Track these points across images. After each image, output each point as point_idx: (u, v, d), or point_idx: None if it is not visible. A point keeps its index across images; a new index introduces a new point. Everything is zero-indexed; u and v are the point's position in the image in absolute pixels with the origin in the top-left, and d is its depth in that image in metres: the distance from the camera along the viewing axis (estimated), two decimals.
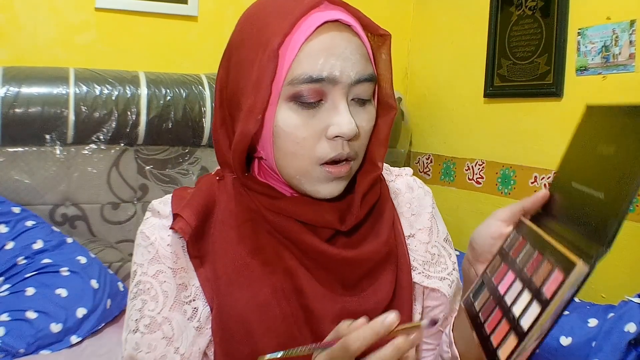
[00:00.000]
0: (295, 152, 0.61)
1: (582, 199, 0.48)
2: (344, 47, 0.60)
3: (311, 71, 0.59)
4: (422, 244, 0.74)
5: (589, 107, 0.53)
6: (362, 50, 0.62)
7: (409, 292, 0.70)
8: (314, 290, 0.65)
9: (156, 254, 0.65)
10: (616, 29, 1.60)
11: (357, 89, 0.61)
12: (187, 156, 1.97)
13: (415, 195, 0.77)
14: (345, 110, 0.60)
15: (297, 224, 0.65)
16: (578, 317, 1.42)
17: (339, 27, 0.61)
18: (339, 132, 0.59)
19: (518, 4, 1.93)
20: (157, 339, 0.63)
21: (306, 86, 0.59)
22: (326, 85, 0.59)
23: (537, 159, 1.87)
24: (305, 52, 0.59)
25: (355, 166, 0.65)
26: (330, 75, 0.59)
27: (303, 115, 0.60)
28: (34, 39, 1.97)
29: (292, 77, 0.59)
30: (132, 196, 1.91)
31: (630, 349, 1.27)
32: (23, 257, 1.59)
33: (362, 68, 0.61)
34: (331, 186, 0.63)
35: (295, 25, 0.59)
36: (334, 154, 0.61)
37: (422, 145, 2.45)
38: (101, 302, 1.61)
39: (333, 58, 0.59)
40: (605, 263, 1.52)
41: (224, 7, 2.19)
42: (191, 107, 1.91)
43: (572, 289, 0.43)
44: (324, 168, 0.62)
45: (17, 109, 1.71)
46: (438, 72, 2.37)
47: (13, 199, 1.72)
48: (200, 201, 0.66)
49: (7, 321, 1.44)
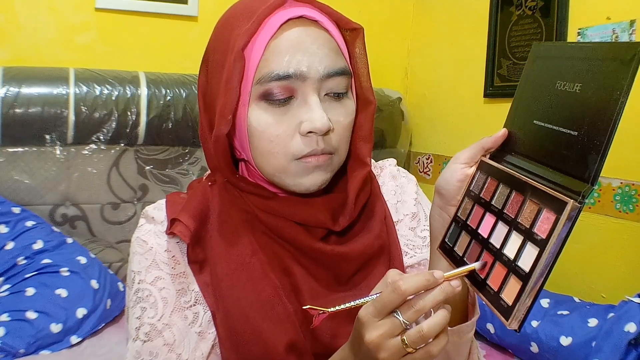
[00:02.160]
0: (271, 150, 0.61)
1: (551, 136, 0.49)
2: (310, 42, 0.60)
3: (278, 69, 0.59)
4: (409, 229, 0.75)
5: (535, 44, 0.53)
6: (330, 45, 0.62)
7: None
8: (310, 289, 0.65)
9: (154, 260, 0.65)
10: (616, 29, 1.60)
11: (329, 84, 0.61)
12: (187, 156, 1.97)
13: (398, 183, 0.77)
14: (317, 105, 0.60)
15: (290, 224, 0.65)
16: (578, 317, 1.42)
17: (304, 23, 0.61)
18: (311, 127, 0.59)
19: (518, 4, 1.93)
20: (158, 346, 0.62)
21: (274, 84, 0.59)
22: (295, 82, 0.59)
23: None
24: (270, 50, 0.59)
25: (337, 160, 0.65)
26: (297, 71, 0.59)
27: (275, 113, 0.60)
28: (34, 39, 1.97)
29: (260, 76, 0.59)
30: (132, 196, 1.91)
31: (630, 349, 1.27)
32: (23, 257, 1.59)
33: (332, 62, 0.61)
34: (313, 177, 0.63)
35: (260, 25, 0.60)
36: (308, 150, 0.61)
37: (422, 145, 2.44)
38: (101, 302, 1.61)
39: (299, 54, 0.59)
40: (605, 263, 1.52)
41: (224, 7, 2.17)
42: (191, 107, 1.91)
43: (567, 227, 0.44)
44: (300, 161, 0.61)
45: (17, 109, 1.72)
46: (438, 72, 2.37)
47: (13, 199, 1.72)
48: (196, 205, 0.66)
49: (7, 321, 1.44)
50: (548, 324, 1.44)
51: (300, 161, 0.61)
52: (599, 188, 1.65)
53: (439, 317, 0.49)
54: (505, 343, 1.56)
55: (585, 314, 1.42)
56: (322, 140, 0.61)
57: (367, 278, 0.68)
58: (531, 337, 1.46)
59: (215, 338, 0.65)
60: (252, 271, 0.65)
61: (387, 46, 2.48)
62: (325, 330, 0.65)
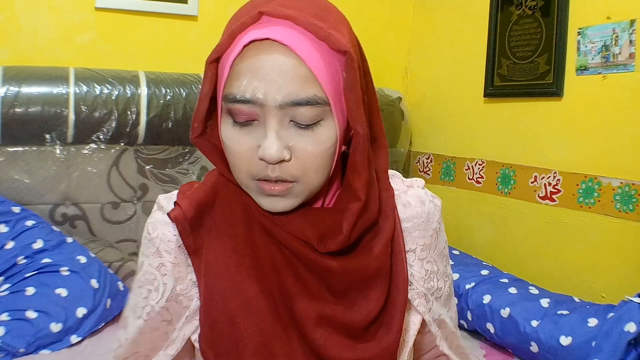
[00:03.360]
0: (234, 165, 0.62)
1: None
2: (270, 68, 0.57)
3: (236, 92, 0.58)
4: (419, 260, 0.73)
5: None
6: (296, 72, 0.57)
7: (401, 311, 0.67)
8: (299, 292, 0.64)
9: (157, 249, 0.68)
10: (616, 28, 1.60)
11: (293, 112, 0.58)
12: (187, 156, 1.97)
13: (425, 209, 0.73)
14: (271, 135, 0.58)
15: (283, 229, 0.65)
16: (578, 317, 1.42)
17: (270, 46, 0.57)
18: (261, 155, 0.58)
19: (518, 4, 1.93)
20: (158, 321, 0.69)
21: (234, 105, 0.59)
22: (254, 107, 0.58)
23: (537, 158, 1.87)
24: (234, 70, 0.58)
25: (303, 188, 0.61)
26: (254, 97, 0.57)
27: (239, 131, 0.60)
28: (34, 39, 1.97)
29: (225, 94, 0.60)
30: (132, 196, 1.91)
31: (630, 348, 1.27)
32: (23, 256, 1.59)
33: (294, 91, 0.57)
34: (271, 202, 0.61)
35: (232, 42, 0.59)
36: (262, 175, 0.60)
37: (422, 145, 2.45)
38: (101, 301, 1.61)
39: (256, 80, 0.57)
40: (605, 263, 1.53)
41: (224, 7, 2.19)
42: (191, 107, 1.91)
43: None
44: (257, 183, 0.61)
45: (17, 109, 1.72)
46: (438, 72, 2.37)
47: (13, 198, 1.72)
48: (201, 194, 0.68)
49: (7, 321, 1.44)
50: (548, 323, 1.44)
51: (256, 182, 0.61)
52: (599, 188, 1.65)
53: None
54: (505, 343, 1.56)
55: (585, 314, 1.42)
56: (278, 169, 0.59)
57: (366, 299, 0.65)
58: (531, 336, 1.46)
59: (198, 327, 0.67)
60: (240, 266, 0.65)
61: (387, 46, 2.48)
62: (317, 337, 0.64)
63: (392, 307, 0.67)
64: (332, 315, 0.64)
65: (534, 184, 1.87)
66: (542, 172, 1.85)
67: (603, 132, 1.66)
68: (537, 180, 1.86)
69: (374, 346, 0.65)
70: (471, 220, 2.11)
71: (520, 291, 1.61)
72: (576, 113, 1.74)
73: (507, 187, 1.99)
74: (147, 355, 0.70)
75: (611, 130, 1.63)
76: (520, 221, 1.93)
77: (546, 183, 1.83)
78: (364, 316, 0.65)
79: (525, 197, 1.91)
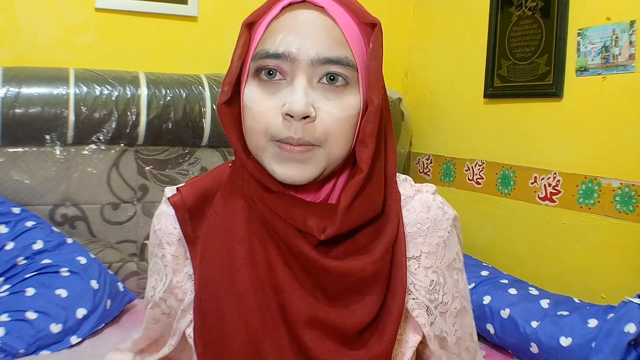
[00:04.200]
0: (252, 127, 0.61)
1: None
2: (306, 26, 0.59)
3: (270, 47, 0.59)
4: (423, 268, 0.69)
5: None
6: (331, 32, 0.59)
7: (396, 319, 0.64)
8: (293, 290, 0.63)
9: (160, 241, 0.71)
10: (616, 29, 1.60)
11: (323, 70, 0.59)
12: (187, 156, 1.97)
13: (431, 215, 0.69)
14: (300, 89, 0.58)
15: (284, 222, 0.64)
16: (578, 318, 1.42)
17: (307, 7, 0.60)
18: (287, 109, 0.57)
19: (518, 5, 1.93)
20: (158, 314, 0.72)
21: (265, 61, 0.59)
22: (285, 62, 0.59)
23: (537, 159, 1.87)
24: (269, 30, 0.60)
25: (325, 154, 0.60)
26: (287, 51, 0.58)
27: (264, 90, 0.60)
28: (34, 39, 1.97)
29: (255, 53, 0.61)
30: (132, 196, 1.91)
31: (630, 349, 1.27)
32: (23, 257, 1.59)
33: (326, 49, 0.59)
34: (286, 168, 0.60)
35: (271, 7, 0.62)
36: (284, 135, 0.59)
37: (422, 146, 2.45)
38: (101, 302, 1.60)
39: (292, 35, 0.59)
40: (605, 263, 1.53)
41: (224, 7, 2.19)
42: (191, 108, 1.91)
43: None
44: (276, 144, 0.60)
45: (17, 109, 1.71)
46: (438, 72, 2.37)
47: (13, 199, 1.72)
48: (204, 184, 0.69)
49: (7, 321, 1.44)
50: (548, 324, 1.44)
51: (276, 143, 0.60)
52: (599, 189, 1.66)
53: None
54: (505, 343, 1.56)
55: (585, 315, 1.42)
56: (301, 129, 0.58)
57: (359, 303, 0.63)
58: (531, 337, 1.46)
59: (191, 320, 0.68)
60: (234, 258, 0.64)
61: (387, 46, 2.43)
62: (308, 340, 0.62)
63: (387, 314, 0.64)
64: (324, 318, 0.62)
65: (534, 185, 1.87)
66: (542, 173, 1.85)
67: (603, 133, 1.66)
68: (537, 181, 1.86)
69: (364, 354, 0.62)
70: (471, 221, 2.11)
71: (520, 292, 1.61)
72: (576, 114, 1.74)
73: (507, 188, 1.99)
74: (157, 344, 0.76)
75: (611, 131, 1.63)
76: (520, 222, 1.93)
77: (546, 184, 1.83)
78: (357, 321, 0.63)
79: (525, 198, 1.91)
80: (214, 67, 2.12)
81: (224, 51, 2.18)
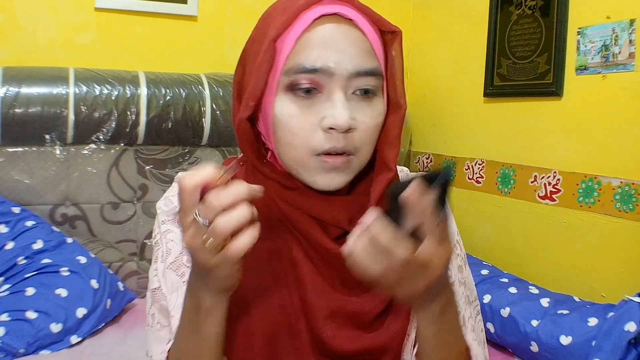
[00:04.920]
0: (292, 143, 0.62)
1: None
2: (341, 39, 0.60)
3: (306, 62, 0.59)
4: None
5: None
6: (363, 45, 0.61)
7: None
8: (315, 284, 0.65)
9: (173, 216, 0.70)
10: (616, 28, 1.60)
11: (357, 82, 0.61)
12: (187, 156, 1.97)
13: None
14: (340, 102, 0.60)
15: (307, 218, 0.66)
16: (578, 316, 1.42)
17: (338, 20, 0.61)
18: (332, 123, 0.59)
19: (518, 4, 1.93)
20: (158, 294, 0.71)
21: (301, 76, 0.60)
22: (322, 77, 0.60)
23: (537, 158, 1.87)
24: (301, 43, 0.60)
25: (358, 162, 0.64)
26: (325, 66, 0.59)
27: (299, 105, 0.61)
28: (34, 39, 1.97)
29: (288, 67, 0.60)
30: (132, 196, 1.91)
31: (630, 348, 1.27)
32: (23, 257, 1.59)
33: (361, 61, 0.61)
34: (329, 177, 0.63)
35: (295, 18, 0.61)
36: (328, 146, 0.61)
37: (422, 145, 2.44)
38: (101, 302, 1.61)
39: (328, 50, 0.60)
40: (605, 263, 1.53)
41: (224, 7, 2.19)
42: (191, 107, 1.91)
43: None
44: (319, 158, 0.62)
45: (17, 109, 1.72)
46: (438, 72, 2.37)
47: (13, 199, 1.72)
48: None
49: (7, 321, 1.44)
50: (548, 323, 1.44)
51: (318, 157, 0.62)
52: (599, 187, 1.65)
53: (235, 212, 0.50)
54: (505, 342, 1.56)
55: (585, 314, 1.42)
56: (343, 138, 0.61)
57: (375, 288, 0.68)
58: (531, 336, 1.46)
59: None
60: (257, 255, 0.65)
61: None
62: (325, 330, 0.65)
63: None
64: (343, 308, 0.65)
65: (534, 184, 1.87)
66: (542, 171, 1.85)
67: (603, 131, 1.66)
68: (537, 180, 1.86)
69: (383, 334, 0.66)
70: (471, 220, 2.11)
71: (520, 291, 1.61)
72: (576, 113, 1.74)
73: (507, 186, 1.99)
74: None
75: (611, 130, 1.63)
76: (520, 221, 1.93)
77: (546, 183, 1.83)
78: (375, 305, 0.66)
79: (525, 197, 1.90)
80: (213, 66, 2.12)
81: (224, 51, 2.18)
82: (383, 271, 0.51)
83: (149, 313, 0.71)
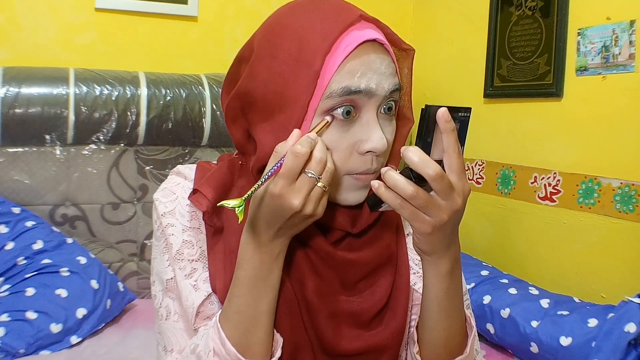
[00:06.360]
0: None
1: None
2: (379, 63, 0.62)
3: (349, 84, 0.60)
4: None
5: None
6: (392, 66, 0.65)
7: (405, 295, 0.71)
8: (315, 286, 0.67)
9: (174, 209, 0.71)
10: (616, 29, 1.60)
11: (387, 101, 0.64)
12: (187, 156, 1.97)
13: None
14: (377, 126, 0.62)
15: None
16: (578, 317, 1.42)
17: (374, 45, 0.63)
18: (371, 147, 0.61)
19: (518, 4, 1.93)
20: (157, 289, 0.71)
21: (342, 99, 0.60)
22: (362, 98, 0.61)
23: (537, 159, 1.87)
24: (344, 69, 0.61)
25: (375, 177, 0.66)
26: (367, 87, 0.61)
27: (337, 129, 0.62)
28: (34, 39, 1.97)
29: (330, 91, 0.60)
30: (132, 196, 1.91)
31: (630, 349, 1.27)
32: (23, 257, 1.59)
33: (394, 80, 0.64)
34: (358, 194, 0.65)
35: (334, 44, 0.61)
36: (363, 169, 0.63)
37: None
38: (101, 302, 1.61)
39: (369, 72, 0.61)
40: (605, 263, 1.52)
41: (224, 7, 2.19)
42: (191, 108, 1.91)
43: None
44: (352, 177, 0.64)
45: (17, 109, 1.72)
46: (438, 72, 2.37)
47: (13, 199, 1.72)
48: (220, 177, 0.70)
49: (7, 321, 1.44)
50: (548, 324, 1.44)
51: (352, 177, 0.64)
52: (599, 188, 1.65)
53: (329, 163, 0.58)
54: (505, 343, 1.56)
55: (585, 314, 1.42)
56: (376, 160, 0.63)
57: (372, 286, 0.70)
58: (531, 337, 1.46)
59: (208, 294, 0.68)
60: None
61: None
62: (327, 329, 0.67)
63: (398, 291, 0.71)
64: (343, 308, 0.68)
65: (534, 185, 1.87)
66: (542, 172, 1.85)
67: (603, 132, 1.66)
68: (537, 181, 1.86)
69: (383, 331, 0.69)
70: (471, 221, 2.11)
71: (520, 292, 1.61)
72: (576, 113, 1.74)
73: (507, 187, 1.99)
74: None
75: (611, 131, 1.63)
76: (520, 222, 1.93)
77: (546, 183, 1.83)
78: (374, 304, 0.69)
79: (525, 198, 1.91)
80: (214, 67, 2.12)
81: (224, 51, 2.18)
82: (414, 192, 0.54)
83: (161, 307, 0.70)
